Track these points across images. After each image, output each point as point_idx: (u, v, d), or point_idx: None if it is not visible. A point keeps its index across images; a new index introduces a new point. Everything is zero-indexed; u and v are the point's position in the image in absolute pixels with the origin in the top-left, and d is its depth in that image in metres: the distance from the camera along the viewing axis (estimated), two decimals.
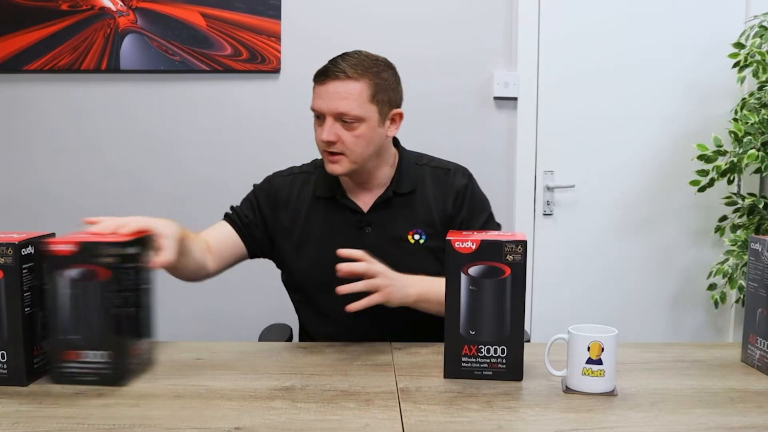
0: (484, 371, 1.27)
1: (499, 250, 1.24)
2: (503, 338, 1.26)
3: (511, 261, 1.24)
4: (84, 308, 1.21)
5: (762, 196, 2.58)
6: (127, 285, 1.24)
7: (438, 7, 2.73)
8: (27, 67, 2.68)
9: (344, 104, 1.50)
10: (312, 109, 1.57)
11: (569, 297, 2.81)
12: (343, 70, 1.52)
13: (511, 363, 1.26)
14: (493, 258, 1.24)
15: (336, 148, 1.53)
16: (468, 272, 1.25)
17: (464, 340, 1.26)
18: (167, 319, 2.80)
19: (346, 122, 1.51)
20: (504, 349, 1.26)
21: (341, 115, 1.51)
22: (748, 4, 2.74)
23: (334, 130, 1.52)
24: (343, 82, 1.51)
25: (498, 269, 1.25)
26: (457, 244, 1.24)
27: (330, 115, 1.52)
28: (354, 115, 1.51)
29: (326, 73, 1.53)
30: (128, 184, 2.75)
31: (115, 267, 1.22)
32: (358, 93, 1.51)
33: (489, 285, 1.25)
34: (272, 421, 1.07)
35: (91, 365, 1.21)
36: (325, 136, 1.52)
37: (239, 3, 2.66)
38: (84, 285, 1.20)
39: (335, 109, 1.51)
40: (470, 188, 1.66)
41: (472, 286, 1.25)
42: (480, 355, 1.26)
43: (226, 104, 2.74)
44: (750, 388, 1.24)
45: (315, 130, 1.58)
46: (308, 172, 1.70)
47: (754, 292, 1.36)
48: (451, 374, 1.27)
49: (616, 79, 2.79)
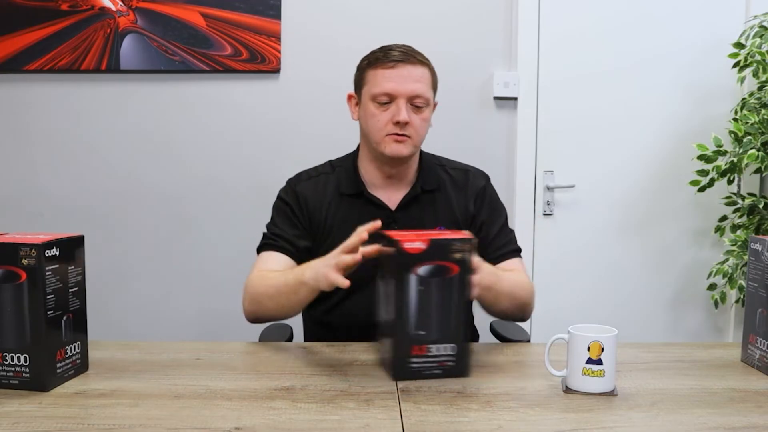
0: (433, 370, 1.27)
1: (447, 248, 1.25)
2: (450, 336, 1.27)
3: (459, 259, 1.25)
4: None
5: (762, 196, 2.58)
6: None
7: (438, 7, 2.73)
8: (27, 67, 2.68)
9: (419, 87, 1.56)
10: (376, 94, 1.58)
11: (569, 297, 2.81)
12: (413, 55, 1.58)
13: (459, 359, 1.27)
14: (441, 257, 1.25)
15: (406, 130, 1.56)
16: (417, 272, 1.24)
17: (413, 341, 1.26)
18: (167, 319, 2.82)
19: (416, 106, 1.57)
20: (453, 346, 1.27)
21: (415, 98, 1.56)
22: (748, 4, 2.74)
23: (408, 112, 1.56)
24: (415, 66, 1.57)
25: (446, 268, 1.25)
26: (407, 245, 1.23)
27: (403, 97, 1.56)
28: (426, 98, 1.58)
29: (395, 57, 1.57)
30: (128, 184, 2.75)
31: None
32: (427, 77, 1.59)
33: (437, 284, 1.25)
34: (272, 421, 1.07)
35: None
36: (404, 116, 1.55)
37: (239, 3, 2.66)
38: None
39: (412, 92, 1.56)
40: (489, 190, 1.72)
41: (421, 286, 1.24)
42: (429, 354, 1.26)
43: (226, 104, 2.74)
44: (750, 388, 1.24)
45: (373, 116, 1.59)
46: (327, 173, 1.71)
47: (754, 292, 1.36)
48: (400, 376, 1.26)
49: (616, 79, 2.79)
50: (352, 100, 1.69)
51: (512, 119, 2.77)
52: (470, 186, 1.70)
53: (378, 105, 1.58)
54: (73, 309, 1.24)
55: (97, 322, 1.49)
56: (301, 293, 1.42)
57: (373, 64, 1.60)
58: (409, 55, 1.58)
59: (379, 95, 1.57)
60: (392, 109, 1.56)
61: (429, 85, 1.59)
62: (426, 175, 1.67)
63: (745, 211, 2.56)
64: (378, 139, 1.59)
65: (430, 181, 1.67)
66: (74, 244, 1.25)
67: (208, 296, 2.78)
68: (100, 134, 2.74)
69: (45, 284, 1.17)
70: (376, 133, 1.59)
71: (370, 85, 1.60)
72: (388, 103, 1.57)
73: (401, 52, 1.58)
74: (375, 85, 1.58)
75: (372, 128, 1.60)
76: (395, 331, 1.25)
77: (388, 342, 1.29)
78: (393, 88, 1.56)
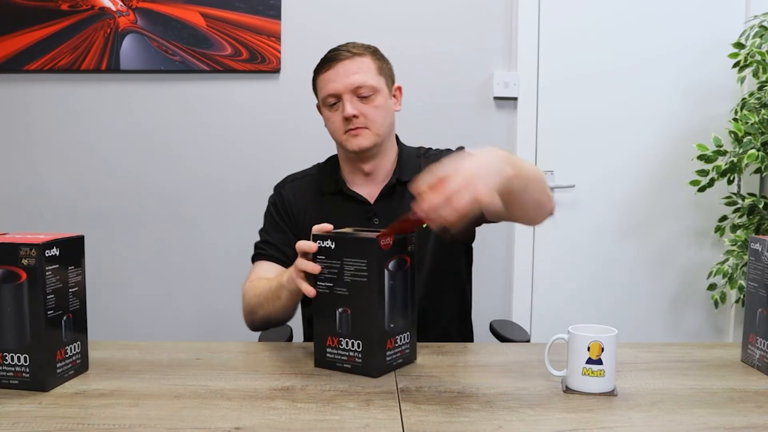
0: (397, 360, 1.30)
1: (406, 242, 1.29)
2: (407, 324, 1.31)
3: (410, 251, 1.30)
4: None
5: (762, 196, 2.58)
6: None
7: (438, 7, 2.73)
8: (27, 67, 2.68)
9: (359, 77, 1.58)
10: (324, 98, 1.62)
11: (569, 297, 2.81)
12: (347, 50, 1.60)
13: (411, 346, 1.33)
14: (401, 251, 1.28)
15: (358, 122, 1.58)
16: (389, 267, 1.26)
17: (388, 335, 1.28)
18: (167, 319, 2.82)
19: (363, 97, 1.58)
20: (408, 335, 1.32)
21: (358, 89, 1.57)
22: (748, 4, 2.74)
23: (355, 105, 1.57)
24: (352, 60, 1.59)
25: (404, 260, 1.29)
26: (383, 241, 1.25)
27: (348, 92, 1.58)
28: (370, 86, 1.58)
29: (332, 58, 1.60)
30: (128, 184, 2.75)
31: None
32: (367, 66, 1.60)
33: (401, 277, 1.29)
34: (272, 421, 1.07)
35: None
36: (348, 110, 1.56)
37: (239, 3, 2.66)
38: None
39: (352, 84, 1.57)
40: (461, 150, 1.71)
41: (391, 281, 1.27)
42: (396, 346, 1.30)
43: (226, 104, 2.74)
44: (750, 388, 1.24)
45: (328, 119, 1.63)
46: (310, 174, 1.74)
47: (754, 292, 1.36)
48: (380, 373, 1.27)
49: (616, 79, 2.79)
50: (320, 111, 1.70)
51: (512, 119, 2.77)
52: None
53: (329, 108, 1.62)
54: (73, 309, 1.24)
55: (97, 322, 1.49)
56: (283, 297, 1.43)
57: (317, 72, 1.65)
58: (340, 51, 1.60)
59: (326, 98, 1.61)
60: (341, 107, 1.59)
61: (372, 72, 1.59)
62: (404, 166, 1.67)
63: (745, 211, 2.56)
64: (340, 139, 1.62)
65: (407, 172, 1.65)
66: (74, 244, 1.25)
67: (208, 296, 2.78)
68: (100, 134, 2.74)
69: (45, 284, 1.17)
70: (337, 135, 1.63)
71: (318, 92, 1.65)
72: (337, 103, 1.60)
73: (338, 51, 1.61)
74: (321, 90, 1.63)
75: (332, 132, 1.64)
76: (375, 329, 1.26)
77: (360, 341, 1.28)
78: (334, 87, 1.59)
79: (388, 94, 1.63)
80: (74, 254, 1.24)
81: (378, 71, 1.61)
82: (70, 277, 1.23)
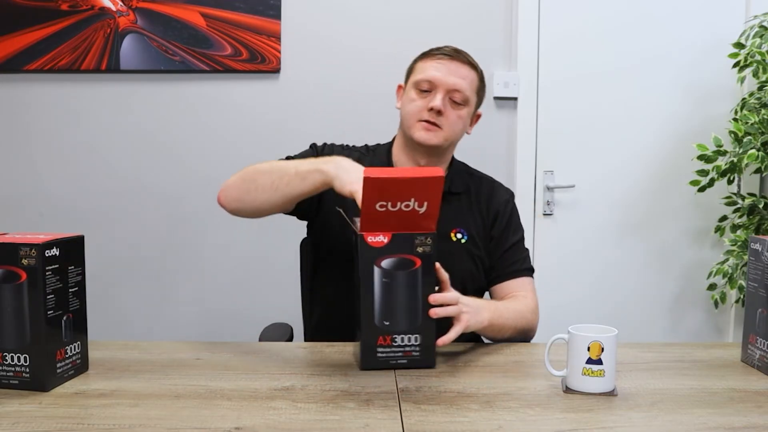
0: (398, 360, 1.30)
1: (410, 242, 1.28)
2: (416, 327, 1.30)
3: (421, 252, 1.28)
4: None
5: (762, 196, 2.58)
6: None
7: (438, 7, 2.73)
8: (27, 67, 2.68)
9: (462, 83, 1.60)
10: (419, 81, 1.61)
11: (569, 297, 2.81)
12: (464, 56, 1.62)
13: (424, 350, 1.31)
14: (404, 250, 1.28)
15: (439, 120, 1.59)
16: (381, 265, 1.27)
17: (379, 331, 1.29)
18: (167, 319, 2.82)
19: (454, 101, 1.60)
20: (417, 337, 1.30)
21: (455, 92, 1.59)
22: (748, 4, 2.74)
23: (444, 102, 1.58)
24: (463, 65, 1.61)
25: (409, 261, 1.28)
26: (370, 239, 1.26)
27: (444, 88, 1.58)
28: (466, 96, 1.61)
29: (449, 54, 1.61)
30: (128, 184, 2.75)
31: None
32: (472, 79, 1.62)
33: (401, 276, 1.29)
34: (272, 421, 1.07)
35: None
36: (437, 103, 1.57)
37: (239, 3, 2.66)
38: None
39: (453, 85, 1.59)
40: (511, 205, 1.75)
41: (385, 278, 1.28)
42: (395, 344, 1.30)
43: (226, 104, 2.74)
44: (750, 388, 1.24)
45: (411, 100, 1.62)
46: (363, 153, 1.72)
47: (754, 292, 1.36)
48: (368, 365, 1.30)
49: (616, 79, 2.79)
50: (400, 91, 1.71)
51: (512, 119, 2.77)
52: (495, 198, 1.72)
53: (418, 92, 1.61)
54: (73, 309, 1.24)
55: (97, 322, 1.49)
56: (308, 181, 1.38)
57: (423, 56, 1.65)
58: (460, 54, 1.62)
59: (421, 81, 1.60)
60: (430, 98, 1.59)
61: (472, 87, 1.62)
62: (455, 177, 1.69)
63: (745, 211, 2.56)
64: (410, 124, 1.62)
65: (458, 184, 1.69)
66: (74, 244, 1.25)
67: (208, 296, 2.78)
68: (100, 134, 2.74)
69: (45, 284, 1.17)
70: (410, 118, 1.62)
71: (415, 73, 1.64)
72: (428, 91, 1.60)
73: (455, 50, 1.63)
74: (420, 72, 1.62)
75: (407, 112, 1.63)
76: (362, 322, 1.29)
77: (358, 333, 1.33)
78: (435, 77, 1.59)
79: (471, 113, 1.66)
80: (74, 254, 1.25)
81: (476, 90, 1.64)
82: (70, 277, 1.23)
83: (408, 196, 1.25)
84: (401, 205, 1.26)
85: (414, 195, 1.25)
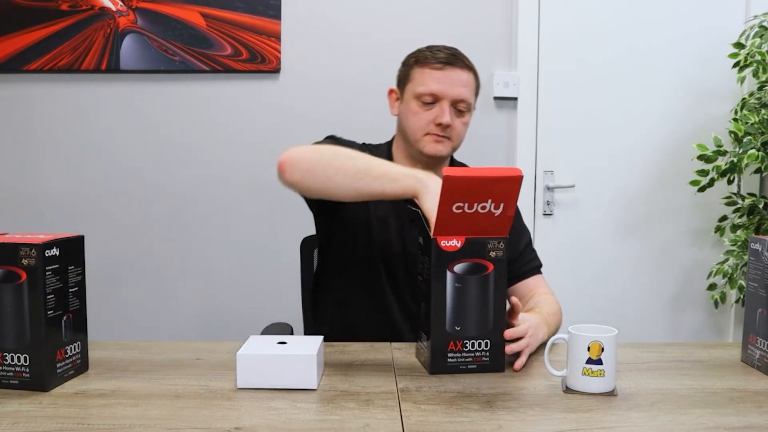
0: (468, 365, 1.30)
1: (483, 247, 1.27)
2: (486, 332, 1.29)
3: (494, 257, 1.27)
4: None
5: (762, 196, 2.58)
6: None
7: (438, 7, 2.73)
8: (27, 67, 2.68)
9: (465, 91, 1.58)
10: (421, 93, 1.58)
11: (569, 297, 2.80)
12: (462, 60, 1.59)
13: (493, 355, 1.30)
14: (476, 255, 1.27)
15: (447, 132, 1.58)
16: (453, 270, 1.26)
17: (450, 336, 1.28)
18: (167, 319, 2.82)
19: (459, 110, 1.58)
20: (488, 342, 1.29)
21: (460, 102, 1.58)
22: (748, 4, 2.75)
23: (451, 115, 1.57)
24: (463, 71, 1.59)
25: (481, 266, 1.27)
26: (443, 243, 1.25)
27: (448, 100, 1.57)
28: (469, 103, 1.60)
29: (448, 61, 1.58)
30: (128, 184, 2.75)
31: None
32: (472, 83, 1.61)
33: (473, 281, 1.28)
34: (272, 421, 1.07)
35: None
36: (446, 119, 1.56)
37: (239, 3, 2.66)
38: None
39: (458, 95, 1.57)
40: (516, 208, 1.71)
41: (458, 283, 1.27)
42: (465, 349, 1.29)
43: (226, 104, 2.74)
44: (750, 388, 1.24)
45: (415, 114, 1.59)
46: (375, 150, 1.69)
47: (754, 292, 1.36)
48: (437, 370, 1.29)
49: (616, 79, 2.79)
50: (392, 95, 1.68)
51: (512, 119, 2.77)
52: None
53: (421, 104, 1.59)
54: (73, 309, 1.24)
55: (97, 322, 1.50)
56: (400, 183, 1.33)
57: (420, 63, 1.60)
58: (457, 58, 1.59)
59: (425, 95, 1.58)
60: (435, 110, 1.57)
61: (473, 90, 1.61)
62: None
63: (745, 211, 2.56)
64: (417, 138, 1.60)
65: None
66: (74, 244, 1.25)
67: (208, 296, 2.78)
68: (100, 134, 2.74)
69: (45, 284, 1.17)
70: (416, 132, 1.60)
71: (415, 83, 1.60)
72: (432, 103, 1.58)
73: (450, 54, 1.59)
74: (421, 84, 1.58)
75: (412, 126, 1.60)
76: (433, 327, 1.28)
77: (426, 337, 1.31)
78: (439, 89, 1.56)
79: (471, 114, 1.65)
80: (74, 254, 1.24)
81: (474, 91, 1.63)
82: (70, 277, 1.23)
83: (486, 197, 1.24)
84: (477, 206, 1.24)
85: (491, 196, 1.24)
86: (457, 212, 1.24)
